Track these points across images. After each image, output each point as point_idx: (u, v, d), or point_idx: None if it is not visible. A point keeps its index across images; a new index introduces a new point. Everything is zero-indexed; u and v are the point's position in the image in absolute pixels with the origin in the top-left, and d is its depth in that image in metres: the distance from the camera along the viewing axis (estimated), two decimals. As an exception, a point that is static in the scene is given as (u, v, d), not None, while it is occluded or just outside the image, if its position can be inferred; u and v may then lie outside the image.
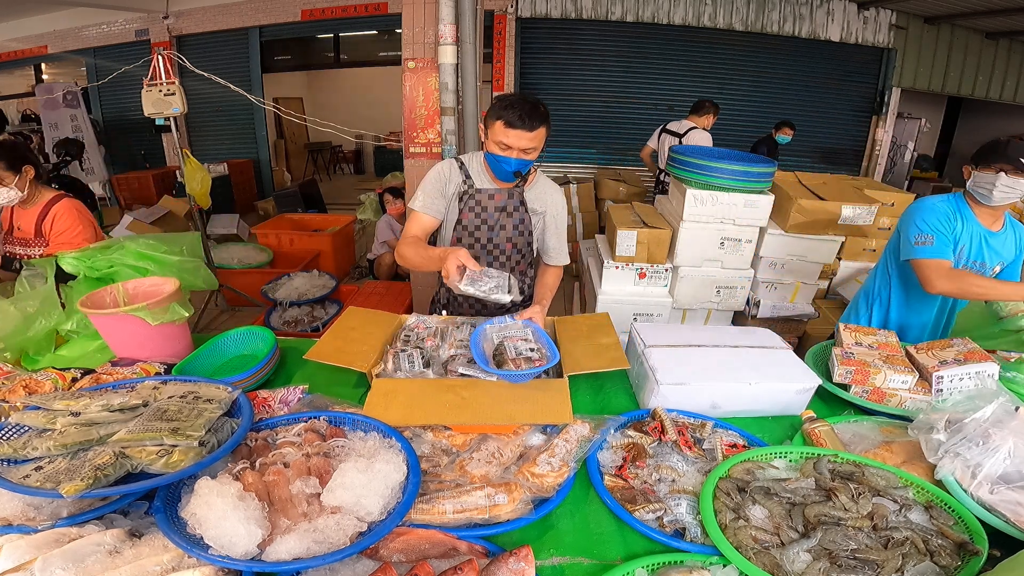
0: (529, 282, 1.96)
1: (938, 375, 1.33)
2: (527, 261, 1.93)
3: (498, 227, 1.78)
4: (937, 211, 1.73)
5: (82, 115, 6.36)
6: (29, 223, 2.02)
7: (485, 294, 1.35)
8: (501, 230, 1.78)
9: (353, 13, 6.41)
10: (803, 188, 2.87)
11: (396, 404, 1.20)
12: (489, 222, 1.77)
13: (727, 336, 1.57)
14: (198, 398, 1.09)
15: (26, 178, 1.93)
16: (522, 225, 1.79)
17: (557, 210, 1.84)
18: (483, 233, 1.78)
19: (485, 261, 1.82)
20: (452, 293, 1.93)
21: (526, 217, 1.79)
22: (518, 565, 0.83)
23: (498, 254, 1.82)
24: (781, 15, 6.04)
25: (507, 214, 1.77)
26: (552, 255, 1.89)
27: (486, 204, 1.75)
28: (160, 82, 4.30)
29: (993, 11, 5.46)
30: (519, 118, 1.54)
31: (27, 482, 0.86)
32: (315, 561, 0.81)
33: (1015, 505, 0.94)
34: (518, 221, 1.78)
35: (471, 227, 1.77)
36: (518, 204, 1.76)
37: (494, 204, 1.75)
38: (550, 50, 6.19)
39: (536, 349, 1.36)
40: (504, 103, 1.58)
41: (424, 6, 2.94)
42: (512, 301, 1.39)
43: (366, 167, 11.45)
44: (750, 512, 0.95)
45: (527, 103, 1.57)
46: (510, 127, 1.55)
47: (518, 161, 1.60)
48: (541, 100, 1.62)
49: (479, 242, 1.80)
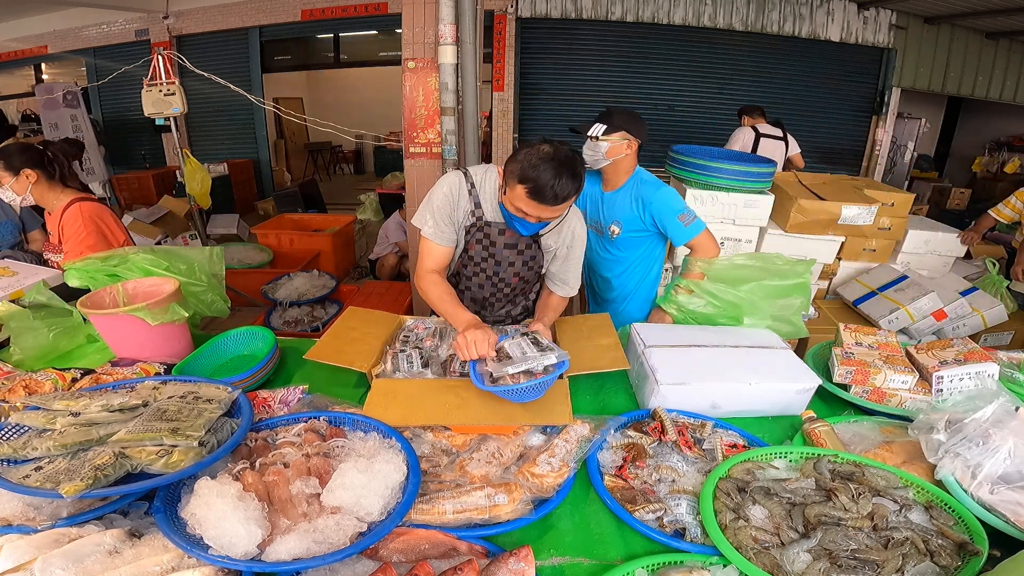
0: (535, 298, 1.88)
1: (938, 375, 1.33)
2: (531, 287, 1.85)
3: (506, 263, 1.65)
4: None
5: (82, 115, 6.35)
6: (52, 229, 2.00)
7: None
8: (510, 266, 1.66)
9: (353, 13, 6.40)
10: (803, 188, 2.87)
11: (396, 404, 1.20)
12: (497, 257, 1.63)
13: (727, 336, 1.57)
14: (198, 398, 1.09)
15: (26, 182, 1.88)
16: (532, 262, 1.67)
17: (575, 241, 1.64)
18: (490, 266, 1.67)
19: (489, 290, 1.74)
20: None
21: (538, 254, 1.65)
22: (518, 565, 0.83)
23: (502, 287, 1.73)
24: (781, 15, 6.04)
25: (517, 251, 1.63)
26: (563, 288, 1.68)
27: (495, 239, 1.60)
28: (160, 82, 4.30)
29: (993, 11, 5.45)
30: (552, 192, 1.29)
31: (27, 482, 0.86)
32: (315, 561, 0.81)
33: (1015, 505, 0.94)
34: (529, 258, 1.65)
35: (477, 258, 1.66)
36: (531, 242, 1.62)
37: (504, 240, 1.60)
38: (550, 50, 6.18)
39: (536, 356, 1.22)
40: (531, 162, 1.30)
41: (424, 6, 2.94)
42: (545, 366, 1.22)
43: (366, 167, 11.45)
44: (750, 512, 0.95)
45: (563, 170, 1.28)
46: (534, 198, 1.32)
47: (538, 226, 1.46)
48: (578, 154, 1.37)
49: (484, 272, 1.69)
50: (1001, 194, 6.75)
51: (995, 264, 3.09)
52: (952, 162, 8.58)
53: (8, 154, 1.86)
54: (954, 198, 7.36)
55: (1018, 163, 7.38)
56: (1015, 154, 7.51)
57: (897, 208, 2.87)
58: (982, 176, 7.83)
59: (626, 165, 1.90)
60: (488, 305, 1.81)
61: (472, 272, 1.71)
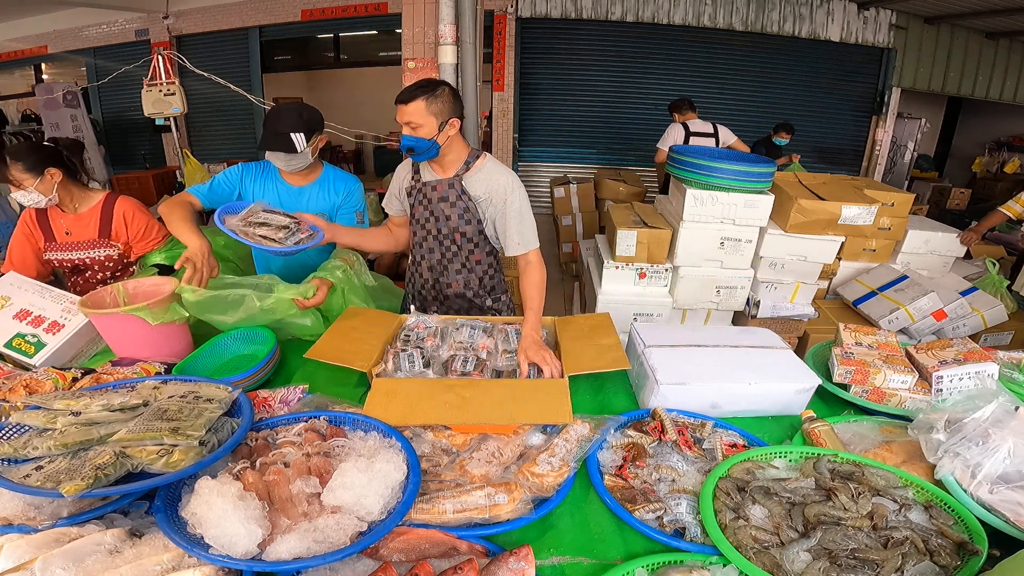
0: (493, 273, 1.93)
1: (938, 375, 1.33)
2: (483, 250, 1.86)
3: (443, 217, 1.78)
4: (231, 172, 1.92)
5: (82, 115, 6.36)
6: (84, 226, 1.94)
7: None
8: (447, 220, 1.78)
9: (353, 13, 6.40)
10: (803, 188, 2.87)
11: (396, 404, 1.20)
12: (436, 213, 1.78)
13: (727, 336, 1.57)
14: (198, 398, 1.09)
15: (51, 182, 1.83)
16: (467, 214, 1.76)
17: (507, 194, 1.71)
18: (432, 225, 1.80)
19: (439, 252, 1.85)
20: (415, 287, 2.00)
21: (470, 205, 1.75)
22: (518, 565, 0.84)
23: (449, 244, 1.83)
24: (781, 15, 6.04)
25: (450, 204, 1.76)
26: (512, 244, 1.73)
27: (430, 195, 1.77)
28: (160, 82, 4.31)
29: (993, 11, 5.46)
30: (400, 93, 1.59)
31: (27, 482, 0.86)
32: (315, 561, 0.81)
33: (1015, 505, 0.95)
34: (462, 210, 1.76)
35: (422, 219, 1.81)
36: (460, 193, 1.74)
37: (437, 195, 1.76)
38: (550, 50, 6.19)
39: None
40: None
41: (424, 6, 2.95)
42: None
43: (366, 167, 11.42)
44: (750, 512, 0.95)
45: (418, 80, 1.62)
46: (396, 102, 1.60)
47: (407, 138, 1.62)
48: (445, 81, 1.69)
49: (431, 234, 1.82)
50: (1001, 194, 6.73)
51: (995, 264, 3.09)
52: (952, 162, 8.59)
53: (26, 154, 1.81)
54: (954, 198, 7.37)
55: (1018, 163, 7.38)
56: (1015, 154, 7.51)
57: (897, 208, 2.88)
58: (982, 176, 7.83)
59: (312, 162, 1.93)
60: (443, 269, 1.88)
61: (422, 237, 1.85)
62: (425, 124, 1.59)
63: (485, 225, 1.80)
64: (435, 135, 1.61)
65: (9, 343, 1.50)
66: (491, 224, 1.80)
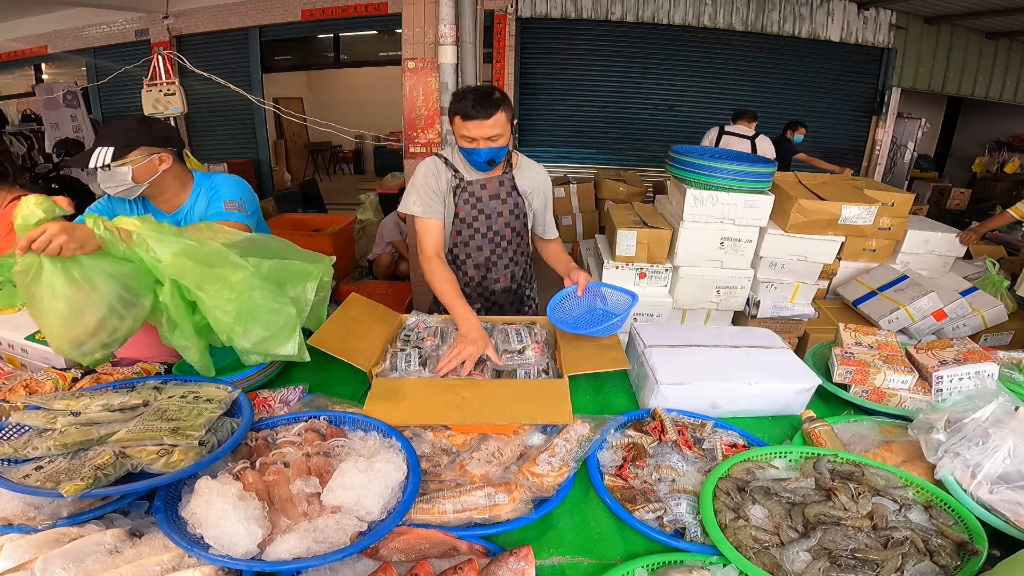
0: (529, 263, 2.00)
1: (938, 375, 1.33)
2: (525, 242, 1.95)
3: (495, 215, 1.80)
4: (99, 205, 1.64)
5: (82, 115, 6.35)
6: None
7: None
8: (499, 217, 1.80)
9: (353, 13, 6.39)
10: (803, 188, 2.87)
11: (396, 404, 1.20)
12: (486, 211, 1.79)
13: (727, 336, 1.57)
14: (198, 398, 1.09)
15: None
16: (517, 209, 1.82)
17: (546, 187, 1.88)
18: (482, 223, 1.80)
19: (488, 249, 1.85)
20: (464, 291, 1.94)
21: (519, 200, 1.81)
22: (518, 565, 0.83)
23: (499, 240, 1.85)
24: (781, 15, 6.03)
25: (501, 200, 1.79)
26: (551, 229, 1.95)
27: (480, 194, 1.77)
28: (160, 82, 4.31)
29: (993, 11, 5.45)
30: (473, 108, 1.54)
31: (27, 482, 0.86)
32: (315, 560, 0.81)
33: (1015, 505, 0.95)
34: (512, 206, 1.81)
35: (469, 219, 1.79)
36: (510, 189, 1.79)
37: (487, 193, 1.77)
38: (550, 50, 6.18)
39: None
40: (457, 96, 1.60)
41: (424, 6, 2.95)
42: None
43: (366, 167, 11.44)
44: (750, 512, 0.95)
45: (479, 92, 1.57)
46: (468, 119, 1.56)
47: (488, 151, 1.60)
48: (495, 87, 1.64)
49: (479, 232, 1.82)
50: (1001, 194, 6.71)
51: (995, 264, 3.09)
52: (952, 162, 8.59)
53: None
54: (954, 198, 7.37)
55: (1018, 163, 7.38)
56: (1015, 154, 7.51)
57: (897, 208, 2.87)
58: (982, 176, 7.83)
59: (170, 179, 1.58)
60: (491, 265, 1.89)
61: (468, 236, 1.82)
62: (504, 133, 1.60)
63: (529, 216, 1.88)
64: (510, 141, 1.64)
65: (32, 335, 1.50)
66: (532, 215, 1.89)
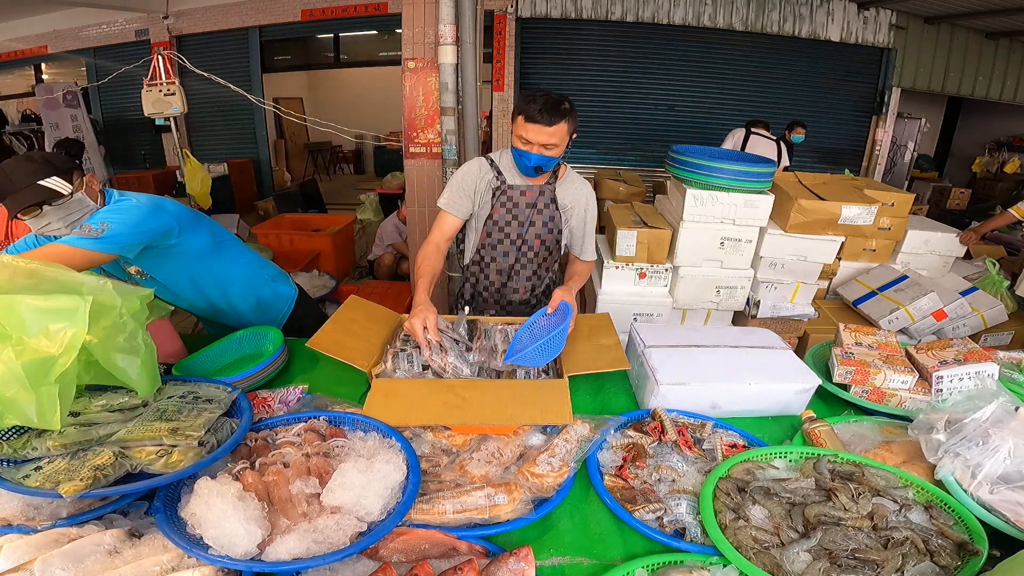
0: (551, 278, 1.97)
1: (938, 375, 1.33)
2: (554, 259, 1.92)
3: (528, 223, 1.77)
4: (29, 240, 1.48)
5: (82, 115, 6.35)
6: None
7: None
8: (531, 227, 1.78)
9: (353, 13, 6.40)
10: (803, 188, 2.87)
11: (396, 404, 1.20)
12: (520, 218, 1.77)
13: (727, 336, 1.56)
14: (197, 398, 1.09)
15: None
16: (551, 223, 1.79)
17: (589, 205, 1.83)
18: (513, 229, 1.79)
19: (513, 256, 1.83)
20: (476, 289, 1.94)
21: (556, 215, 1.78)
22: (518, 565, 0.83)
23: (526, 250, 1.83)
24: (781, 15, 6.03)
25: (537, 211, 1.76)
26: (588, 250, 1.89)
27: (517, 200, 1.75)
28: (160, 82, 4.31)
29: (993, 11, 5.45)
30: (539, 112, 1.52)
31: (27, 482, 0.86)
32: (315, 561, 0.81)
33: (1015, 505, 0.94)
34: (548, 219, 1.78)
35: (501, 223, 1.78)
36: (549, 201, 1.76)
37: (525, 200, 1.75)
38: (550, 50, 6.18)
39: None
40: (527, 97, 1.57)
41: (424, 6, 2.94)
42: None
43: (366, 167, 11.44)
44: (750, 512, 0.95)
45: (549, 98, 1.54)
46: (530, 121, 1.54)
47: (538, 157, 1.59)
48: (567, 97, 1.59)
49: (508, 238, 1.80)
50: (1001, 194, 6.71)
51: (995, 264, 3.09)
52: (952, 162, 8.58)
53: None
54: (954, 198, 7.37)
55: (1018, 163, 7.38)
56: (1015, 154, 7.51)
57: (897, 208, 2.87)
58: (982, 176, 7.83)
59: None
60: (514, 274, 1.87)
61: (497, 240, 1.80)
62: (560, 144, 1.58)
63: (564, 234, 1.85)
64: (564, 153, 1.62)
65: None
66: (568, 231, 1.85)
